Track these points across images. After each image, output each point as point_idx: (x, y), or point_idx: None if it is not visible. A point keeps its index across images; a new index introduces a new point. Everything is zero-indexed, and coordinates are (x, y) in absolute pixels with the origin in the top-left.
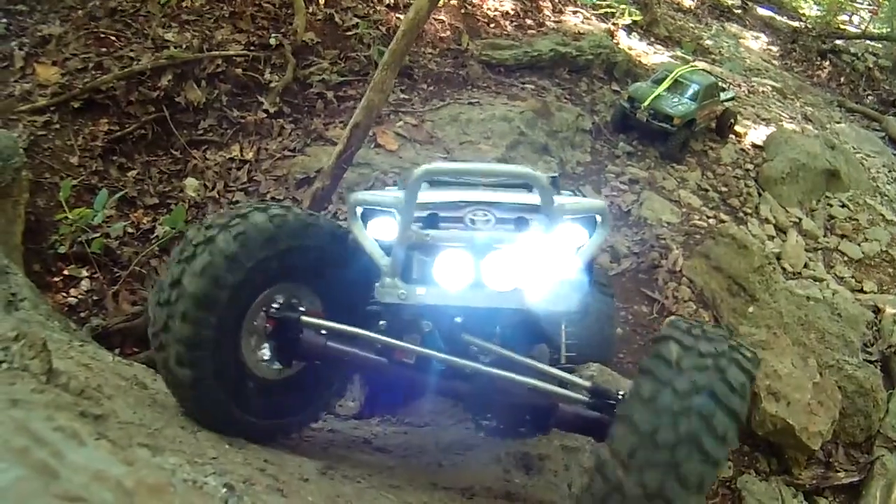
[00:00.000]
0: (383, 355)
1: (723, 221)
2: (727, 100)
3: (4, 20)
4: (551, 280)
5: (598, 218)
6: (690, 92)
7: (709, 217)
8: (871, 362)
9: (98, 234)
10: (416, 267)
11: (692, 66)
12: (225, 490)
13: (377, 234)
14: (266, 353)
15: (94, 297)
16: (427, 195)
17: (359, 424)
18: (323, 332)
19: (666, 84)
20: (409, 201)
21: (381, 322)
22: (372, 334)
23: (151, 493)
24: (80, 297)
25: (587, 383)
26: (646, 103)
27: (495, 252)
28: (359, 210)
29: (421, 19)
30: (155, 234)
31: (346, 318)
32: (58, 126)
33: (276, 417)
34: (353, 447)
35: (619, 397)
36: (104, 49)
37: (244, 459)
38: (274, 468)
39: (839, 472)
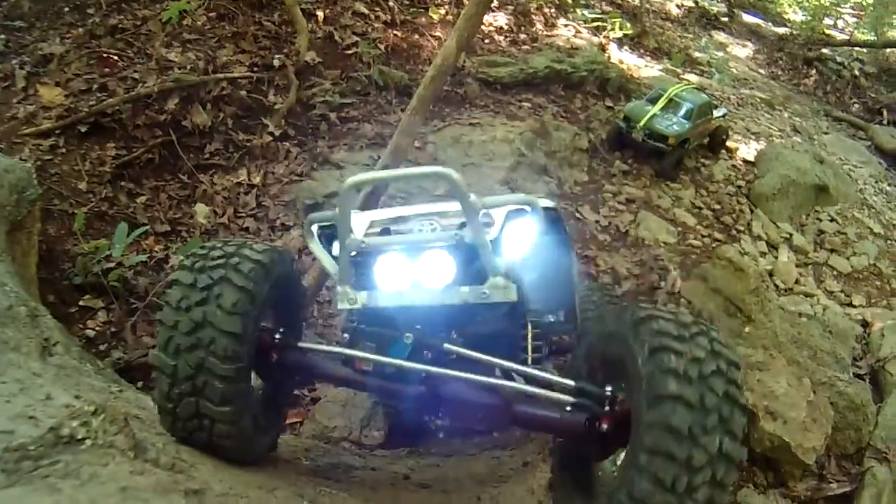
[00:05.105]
0: (347, 366)
1: (717, 240)
2: (719, 117)
3: (3, 36)
4: (489, 274)
5: (529, 209)
6: (684, 111)
7: (703, 236)
8: (860, 376)
9: (114, 265)
10: (362, 274)
11: (686, 84)
12: None
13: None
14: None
15: (113, 329)
16: (379, 213)
17: (393, 459)
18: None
19: (661, 104)
20: (342, 211)
21: (345, 335)
22: (332, 348)
23: None
24: (97, 328)
25: (570, 382)
26: (641, 123)
27: (429, 251)
28: (314, 228)
29: (449, 66)
30: (170, 265)
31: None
32: (64, 150)
33: (270, 433)
34: (398, 484)
35: (608, 394)
36: (107, 69)
37: None
38: None
39: (832, 483)
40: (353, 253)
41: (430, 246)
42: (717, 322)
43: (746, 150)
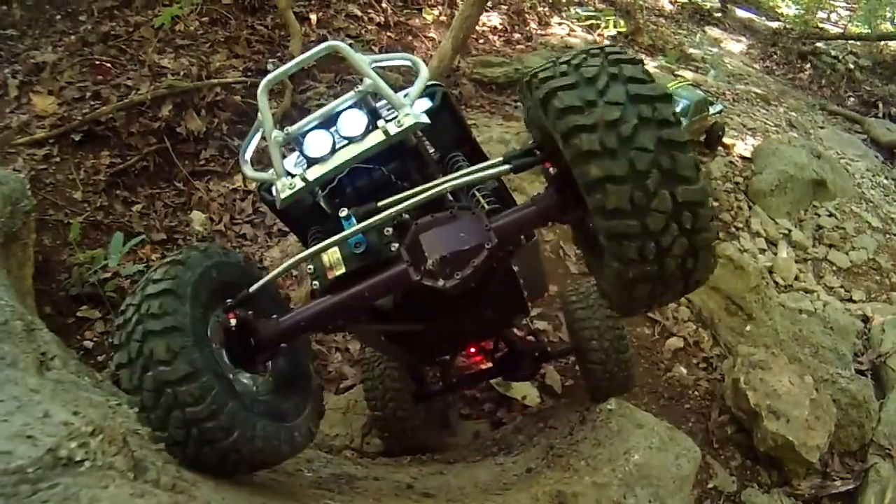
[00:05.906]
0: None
1: (716, 238)
2: (716, 113)
3: None
4: (397, 109)
5: (410, 64)
6: (680, 108)
7: None
8: (861, 372)
9: (110, 275)
10: (295, 164)
11: (681, 81)
12: None
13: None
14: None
15: (110, 340)
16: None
17: (396, 467)
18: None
19: None
20: (262, 111)
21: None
22: (288, 261)
23: None
24: (95, 339)
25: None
26: None
27: (342, 115)
28: (247, 155)
29: (445, 67)
30: None
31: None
32: (58, 160)
33: (293, 419)
34: (401, 494)
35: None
36: (100, 77)
37: None
38: None
39: (836, 480)
40: (280, 143)
41: (340, 109)
42: (718, 322)
43: (743, 146)
